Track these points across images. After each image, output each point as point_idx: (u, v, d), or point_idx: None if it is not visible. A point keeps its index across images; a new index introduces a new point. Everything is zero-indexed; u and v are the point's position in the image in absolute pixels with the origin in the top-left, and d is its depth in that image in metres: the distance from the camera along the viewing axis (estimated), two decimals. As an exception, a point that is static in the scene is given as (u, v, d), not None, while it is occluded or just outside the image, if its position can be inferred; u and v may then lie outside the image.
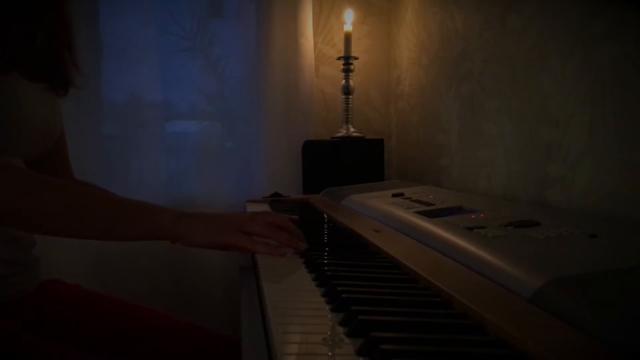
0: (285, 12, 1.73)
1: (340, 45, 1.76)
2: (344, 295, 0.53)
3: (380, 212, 1.01)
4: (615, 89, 0.81)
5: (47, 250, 1.39)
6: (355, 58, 1.72)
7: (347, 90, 1.72)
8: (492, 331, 0.45)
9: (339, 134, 1.72)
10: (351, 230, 0.94)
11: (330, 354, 0.43)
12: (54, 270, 1.07)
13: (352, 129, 1.72)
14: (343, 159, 1.67)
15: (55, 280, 0.98)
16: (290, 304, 0.57)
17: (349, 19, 1.72)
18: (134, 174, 1.71)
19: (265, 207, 1.37)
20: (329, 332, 0.47)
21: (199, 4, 1.73)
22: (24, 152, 0.91)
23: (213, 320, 1.64)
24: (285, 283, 0.64)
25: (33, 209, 0.72)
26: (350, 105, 1.73)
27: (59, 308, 0.92)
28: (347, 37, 1.71)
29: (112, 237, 0.79)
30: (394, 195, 1.15)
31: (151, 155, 1.71)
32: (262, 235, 0.75)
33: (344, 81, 1.72)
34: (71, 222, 0.74)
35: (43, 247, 1.00)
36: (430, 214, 0.88)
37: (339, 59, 1.74)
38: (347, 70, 1.71)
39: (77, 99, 1.61)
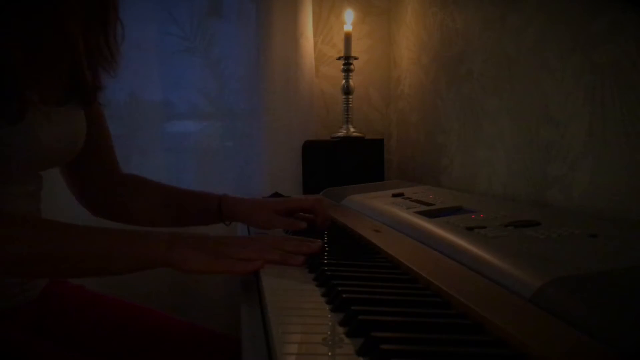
0: (285, 12, 1.73)
1: (340, 45, 1.76)
2: (344, 295, 0.53)
3: (380, 212, 1.01)
4: (615, 89, 0.81)
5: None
6: (355, 58, 1.72)
7: (347, 90, 1.72)
8: (492, 331, 0.45)
9: (339, 134, 1.72)
10: (351, 230, 0.94)
11: (330, 354, 0.43)
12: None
13: (352, 129, 1.72)
14: (343, 159, 1.67)
15: (59, 280, 0.98)
16: (290, 304, 0.57)
17: (349, 18, 1.72)
18: (134, 173, 1.71)
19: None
20: (329, 332, 0.47)
21: (199, 4, 1.73)
22: (42, 169, 0.90)
23: (213, 320, 1.64)
24: (285, 283, 0.64)
25: (17, 254, 0.68)
26: (350, 105, 1.73)
27: (61, 309, 0.92)
28: (347, 37, 1.71)
29: (103, 274, 0.78)
30: (394, 195, 1.14)
31: (151, 155, 1.71)
32: (255, 260, 0.72)
33: (344, 81, 1.72)
34: (62, 265, 0.71)
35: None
36: (430, 214, 0.88)
37: (339, 59, 1.73)
38: (347, 70, 1.71)
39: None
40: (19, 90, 0.75)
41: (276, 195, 1.54)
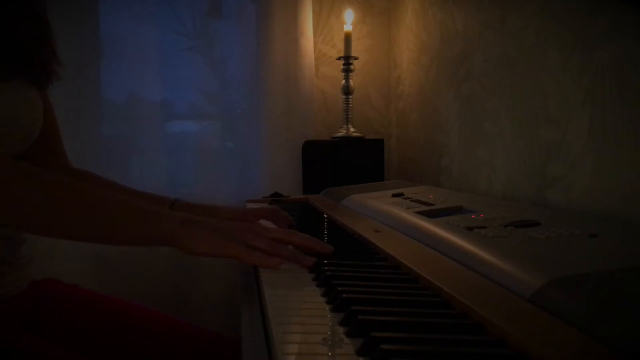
0: (285, 12, 1.73)
1: (340, 45, 1.76)
2: (344, 295, 0.53)
3: (380, 212, 1.01)
4: (615, 89, 0.81)
5: (44, 248, 1.39)
6: (355, 58, 1.72)
7: (347, 90, 1.72)
8: (492, 331, 0.45)
9: (339, 134, 1.72)
10: (351, 230, 0.94)
11: (330, 354, 0.43)
12: (52, 270, 1.07)
13: (352, 129, 1.72)
14: (343, 159, 1.67)
15: (51, 279, 0.97)
16: (290, 304, 0.57)
17: (349, 18, 1.72)
18: (134, 174, 1.72)
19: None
20: (329, 332, 0.47)
21: (199, 4, 1.73)
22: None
23: (213, 321, 1.64)
24: (285, 283, 0.64)
25: (14, 203, 0.66)
26: (350, 105, 1.73)
27: (54, 308, 0.91)
28: (347, 37, 1.71)
29: (107, 241, 0.73)
30: (394, 195, 1.14)
31: (151, 155, 1.71)
32: (266, 252, 0.70)
33: (344, 81, 1.72)
34: (59, 222, 0.68)
35: (40, 245, 0.99)
36: (430, 214, 0.88)
37: (339, 59, 1.73)
38: (347, 70, 1.71)
39: (77, 99, 1.63)
40: None
41: (276, 195, 1.54)
